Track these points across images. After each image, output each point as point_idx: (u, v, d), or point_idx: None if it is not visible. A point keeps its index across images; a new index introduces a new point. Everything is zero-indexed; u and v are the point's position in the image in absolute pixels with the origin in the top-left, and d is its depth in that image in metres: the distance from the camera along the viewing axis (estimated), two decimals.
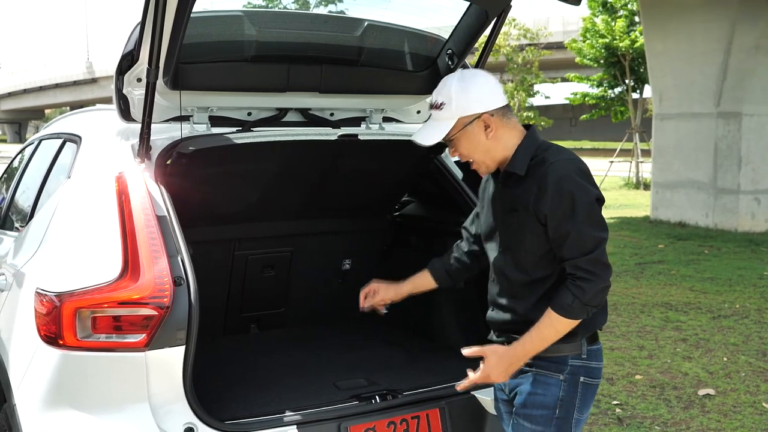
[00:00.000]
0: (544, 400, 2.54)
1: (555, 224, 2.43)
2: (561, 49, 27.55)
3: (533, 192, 2.46)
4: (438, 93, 2.60)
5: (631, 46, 20.99)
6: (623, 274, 9.16)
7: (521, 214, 2.50)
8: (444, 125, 2.56)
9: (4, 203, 4.36)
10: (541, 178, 2.45)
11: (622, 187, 21.47)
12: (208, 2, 2.80)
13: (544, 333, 2.45)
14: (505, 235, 2.61)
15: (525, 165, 2.52)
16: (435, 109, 2.60)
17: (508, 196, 2.58)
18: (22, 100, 75.99)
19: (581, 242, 2.40)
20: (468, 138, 2.56)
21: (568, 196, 2.41)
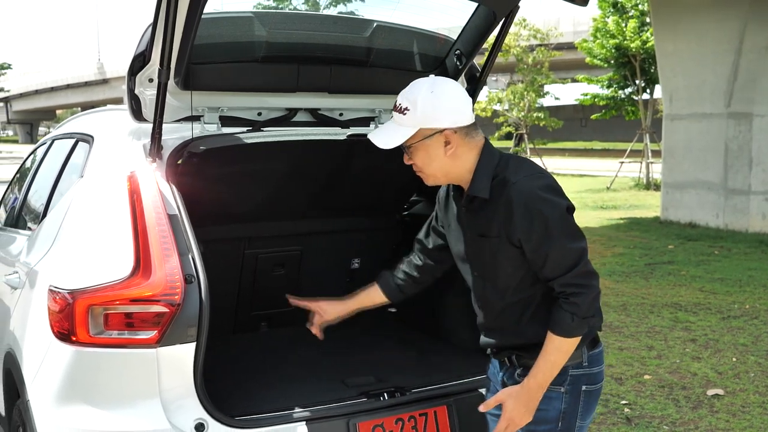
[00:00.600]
0: (546, 415, 2.47)
1: (532, 247, 2.37)
2: (571, 50, 27.49)
3: (501, 216, 2.39)
4: (404, 96, 2.45)
5: (642, 47, 20.93)
6: (633, 274, 9.16)
7: (492, 240, 2.43)
8: (403, 131, 2.45)
9: (17, 203, 4.41)
10: (506, 201, 2.38)
11: (632, 188, 21.42)
12: (218, 4, 2.84)
13: (552, 359, 2.39)
14: (478, 261, 2.53)
15: (487, 187, 2.43)
16: (397, 112, 2.45)
17: (474, 220, 2.50)
18: (34, 100, 76.34)
19: (564, 259, 2.35)
20: (425, 150, 2.45)
21: (539, 216, 2.34)
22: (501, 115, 30.37)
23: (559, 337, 2.36)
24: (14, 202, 4.53)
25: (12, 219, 4.35)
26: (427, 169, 2.49)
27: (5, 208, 4.80)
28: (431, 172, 2.49)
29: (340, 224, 4.01)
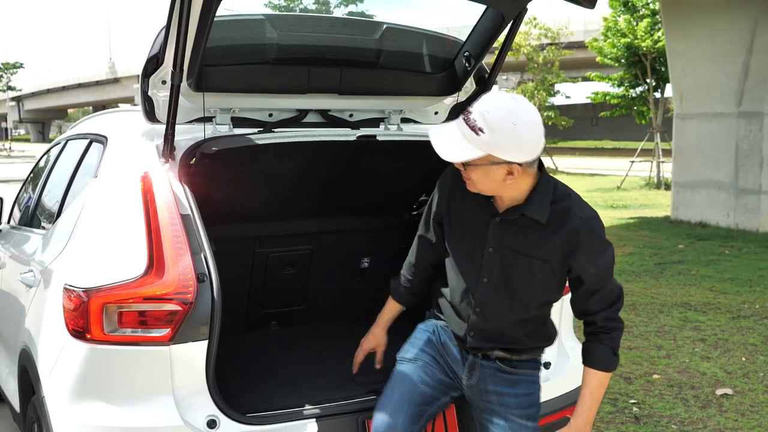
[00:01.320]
0: (534, 399, 2.75)
1: (592, 280, 2.54)
2: (582, 49, 27.43)
3: (558, 244, 2.50)
4: (482, 116, 2.37)
5: (653, 46, 20.88)
6: (642, 274, 9.15)
7: (537, 261, 2.54)
8: (470, 150, 2.41)
9: (31, 202, 4.46)
10: (572, 232, 2.49)
11: (642, 187, 21.36)
12: (230, 7, 2.87)
13: (597, 395, 2.63)
14: (498, 272, 2.60)
15: (546, 212, 2.50)
16: (469, 127, 2.39)
17: (513, 235, 2.55)
18: (46, 99, 76.67)
19: (609, 296, 2.58)
20: (485, 172, 2.45)
21: (609, 255, 2.54)
22: None
23: (603, 372, 2.60)
24: (29, 201, 4.57)
25: (27, 218, 4.40)
26: (479, 184, 2.51)
27: (20, 207, 4.85)
28: (481, 187, 2.52)
29: (349, 224, 4.04)
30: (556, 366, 3.28)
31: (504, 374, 2.71)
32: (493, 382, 2.71)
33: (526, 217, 2.52)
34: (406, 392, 2.72)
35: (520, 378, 2.73)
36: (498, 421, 2.70)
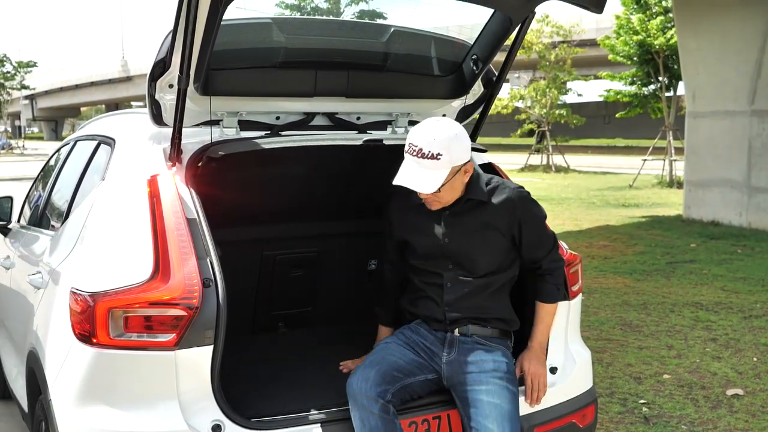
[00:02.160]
0: (512, 368, 3.06)
1: (533, 233, 3.08)
2: (594, 47, 27.32)
3: (502, 214, 3.02)
4: (432, 144, 2.82)
5: (666, 44, 20.78)
6: (654, 273, 9.11)
7: (488, 232, 3.03)
8: (440, 174, 2.86)
9: (40, 201, 4.48)
10: (509, 201, 3.03)
11: (655, 186, 21.28)
12: (237, 10, 2.87)
13: (547, 322, 3.16)
14: (465, 250, 3.04)
15: (485, 192, 3.03)
16: (426, 158, 2.82)
17: (467, 219, 3.03)
18: (59, 98, 77.03)
19: (550, 240, 3.16)
20: (452, 185, 2.94)
21: (541, 212, 3.13)
22: (523, 112, 30.29)
23: (549, 304, 3.14)
24: (38, 201, 4.59)
25: (36, 218, 4.41)
26: (446, 198, 2.98)
27: (29, 206, 4.88)
28: (448, 199, 2.99)
29: (356, 226, 4.04)
30: (563, 371, 3.27)
31: (480, 345, 3.05)
32: (471, 353, 3.02)
33: (471, 201, 3.03)
34: (379, 356, 3.02)
35: (495, 348, 3.06)
36: (478, 387, 2.93)
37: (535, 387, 3.09)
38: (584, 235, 12.20)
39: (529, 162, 30.29)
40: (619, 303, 7.65)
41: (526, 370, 3.09)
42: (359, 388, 2.85)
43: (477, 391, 2.92)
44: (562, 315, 3.28)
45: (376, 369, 2.92)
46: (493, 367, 2.98)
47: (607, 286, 8.43)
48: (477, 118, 3.71)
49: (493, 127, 44.51)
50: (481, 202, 3.02)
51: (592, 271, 9.29)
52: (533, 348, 3.13)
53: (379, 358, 3.00)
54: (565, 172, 28.46)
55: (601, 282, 8.64)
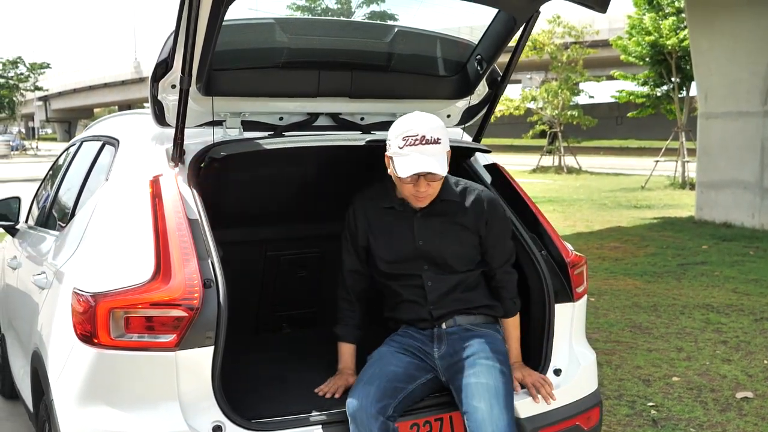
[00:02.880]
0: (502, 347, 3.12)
1: (495, 236, 3.13)
2: (607, 47, 27.24)
3: (472, 214, 3.09)
4: (431, 131, 2.90)
5: (678, 44, 20.68)
6: (664, 275, 9.06)
7: (461, 231, 3.10)
8: (444, 158, 2.93)
9: (47, 202, 4.49)
10: (477, 203, 3.11)
11: (667, 187, 21.17)
12: (239, 11, 2.86)
13: (516, 334, 3.20)
14: (437, 250, 3.09)
15: (456, 193, 3.11)
16: (431, 144, 2.89)
17: (440, 219, 3.09)
18: (72, 99, 77.37)
19: (508, 252, 3.18)
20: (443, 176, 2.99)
21: (504, 216, 3.20)
22: (535, 114, 30.22)
23: (513, 318, 3.19)
24: (45, 201, 4.61)
25: (43, 218, 4.43)
26: (434, 190, 3.01)
27: (37, 207, 4.89)
28: (436, 191, 3.03)
29: None
30: (567, 372, 3.24)
31: (469, 332, 3.10)
32: (460, 341, 3.07)
33: (443, 202, 3.08)
34: (377, 369, 2.97)
35: (484, 332, 3.12)
36: (469, 371, 2.95)
37: (539, 386, 3.09)
38: (595, 237, 12.15)
39: (540, 163, 30.23)
40: (629, 305, 7.61)
41: (520, 379, 3.10)
42: (360, 405, 2.78)
43: (467, 376, 2.94)
44: (566, 317, 3.26)
45: (376, 384, 2.86)
46: (480, 349, 3.02)
47: (618, 287, 8.39)
48: (482, 119, 3.69)
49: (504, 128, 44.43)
50: (452, 202, 3.10)
51: (603, 272, 9.25)
52: (517, 360, 3.18)
53: (378, 371, 2.95)
54: (576, 173, 28.37)
55: (612, 284, 8.60)
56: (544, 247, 3.33)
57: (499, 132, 47.27)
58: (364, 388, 2.85)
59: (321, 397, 3.01)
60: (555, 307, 3.21)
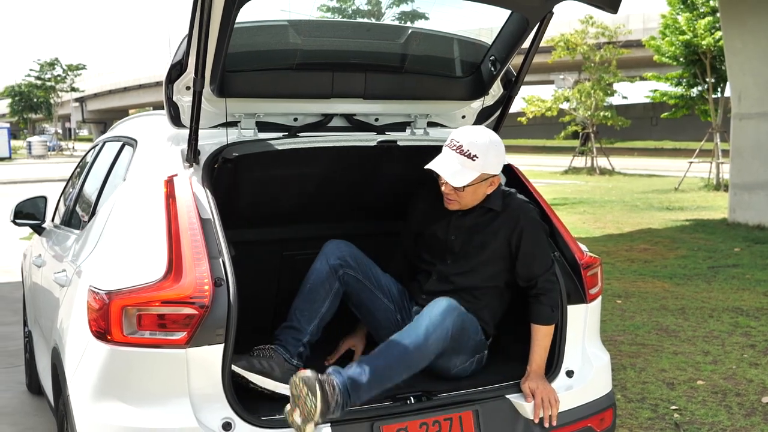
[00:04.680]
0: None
1: (528, 245, 3.18)
2: (640, 47, 26.99)
3: (510, 225, 3.19)
4: (470, 143, 3.07)
5: (713, 44, 20.42)
6: (694, 277, 8.96)
7: (496, 240, 3.21)
8: (470, 174, 3.07)
9: (70, 201, 4.57)
10: (513, 214, 3.21)
11: (701, 189, 20.91)
12: (253, 13, 2.90)
13: (544, 344, 3.16)
14: (466, 251, 3.25)
15: (500, 204, 3.23)
16: (464, 155, 3.06)
17: (474, 222, 3.24)
18: (107, 100, 78.25)
19: (548, 262, 3.21)
20: (475, 190, 3.15)
21: (539, 228, 3.24)
22: (567, 114, 30.04)
23: (546, 326, 3.16)
24: (68, 200, 4.69)
25: (66, 217, 4.51)
26: (464, 200, 3.19)
27: (63, 205, 4.98)
28: (466, 202, 3.20)
29: (376, 227, 4.05)
30: (580, 374, 3.23)
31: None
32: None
33: (482, 209, 3.24)
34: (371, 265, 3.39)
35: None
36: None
37: (546, 403, 3.05)
38: (625, 239, 12.04)
39: (572, 164, 30.03)
40: (657, 307, 7.54)
41: (533, 390, 3.06)
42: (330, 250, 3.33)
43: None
44: (578, 318, 3.25)
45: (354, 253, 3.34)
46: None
47: (645, 290, 8.31)
48: (496, 120, 3.69)
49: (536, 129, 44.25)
50: (492, 211, 3.24)
51: (631, 274, 9.17)
52: (534, 371, 3.13)
53: (369, 264, 3.36)
54: (609, 174, 28.15)
55: (640, 286, 8.52)
56: (557, 248, 3.32)
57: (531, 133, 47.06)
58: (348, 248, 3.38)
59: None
60: (567, 308, 3.20)
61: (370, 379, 2.81)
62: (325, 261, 3.32)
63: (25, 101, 69.79)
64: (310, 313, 3.25)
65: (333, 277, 3.30)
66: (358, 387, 2.79)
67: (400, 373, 2.90)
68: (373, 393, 2.83)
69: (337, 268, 3.31)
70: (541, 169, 29.82)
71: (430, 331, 2.95)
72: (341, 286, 3.29)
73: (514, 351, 3.40)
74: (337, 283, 3.30)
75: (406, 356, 2.91)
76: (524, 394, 3.05)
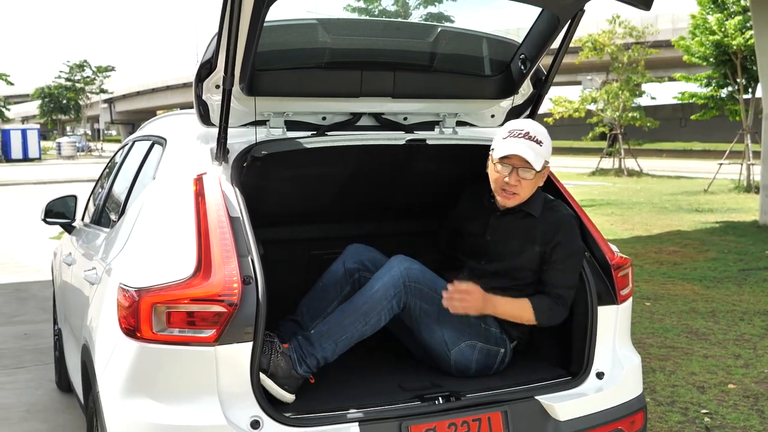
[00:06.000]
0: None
1: (560, 256, 3.17)
2: (669, 48, 26.74)
3: (548, 235, 3.19)
4: (536, 132, 3.12)
5: (744, 44, 20.17)
6: (724, 280, 8.85)
7: (527, 243, 3.21)
8: (540, 160, 3.12)
9: (100, 200, 4.61)
10: (554, 223, 3.21)
11: (731, 191, 20.66)
12: (282, 11, 2.90)
13: (514, 310, 3.19)
14: (497, 251, 3.28)
15: (540, 209, 3.24)
16: (534, 141, 3.11)
17: (511, 224, 3.26)
18: (135, 101, 78.94)
19: (572, 277, 3.19)
20: (536, 181, 3.19)
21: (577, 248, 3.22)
22: (595, 115, 29.84)
23: (531, 309, 3.18)
24: (98, 199, 4.73)
25: (96, 216, 4.54)
26: (524, 192, 3.19)
27: (92, 204, 5.02)
28: (524, 195, 3.20)
29: (402, 226, 4.04)
30: (610, 375, 3.19)
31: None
32: None
33: (522, 212, 3.24)
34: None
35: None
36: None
37: (456, 292, 3.09)
38: (654, 241, 11.93)
39: (600, 166, 29.82)
40: (687, 310, 7.46)
41: (469, 290, 3.11)
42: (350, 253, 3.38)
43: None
44: (609, 319, 3.22)
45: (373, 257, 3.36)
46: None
47: (675, 292, 8.23)
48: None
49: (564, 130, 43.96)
50: (532, 217, 3.23)
51: (660, 277, 9.08)
52: (490, 300, 3.16)
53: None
54: (637, 176, 27.92)
55: (669, 288, 8.43)
56: (587, 248, 3.29)
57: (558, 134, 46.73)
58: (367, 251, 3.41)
59: (358, 396, 3.01)
60: (598, 309, 3.16)
61: (321, 330, 3.05)
62: (342, 264, 3.40)
63: (54, 103, 70.59)
64: (316, 311, 3.30)
65: (346, 280, 3.36)
66: (309, 339, 3.03)
67: (352, 321, 3.06)
68: (330, 343, 3.03)
69: (353, 272, 3.36)
70: (568, 171, 29.62)
71: (379, 275, 3.13)
72: (353, 290, 3.30)
73: (544, 352, 3.37)
74: (349, 286, 3.34)
75: (355, 302, 3.10)
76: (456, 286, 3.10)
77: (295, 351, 2.99)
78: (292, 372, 2.93)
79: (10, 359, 6.40)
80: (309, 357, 3.00)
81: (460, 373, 3.20)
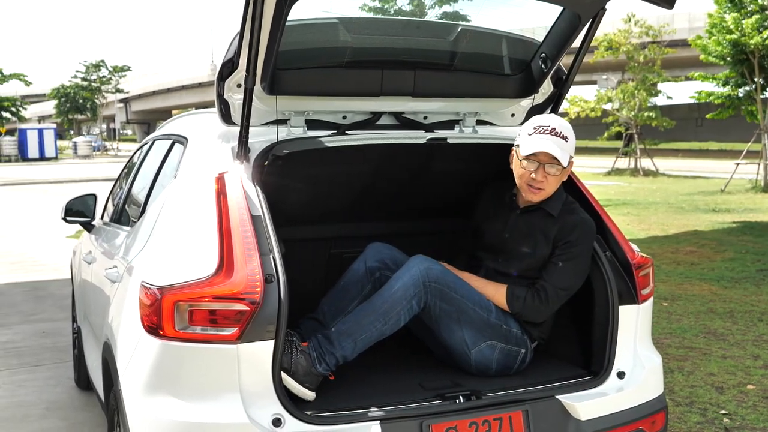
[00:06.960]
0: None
1: (562, 259, 3.20)
2: (685, 47, 26.58)
3: (562, 234, 3.22)
4: (562, 127, 3.16)
5: (762, 43, 20.02)
6: (743, 280, 8.80)
7: (547, 245, 3.25)
8: (567, 155, 3.15)
9: (120, 199, 4.63)
10: (570, 224, 3.23)
11: (748, 191, 20.53)
12: (304, 11, 2.90)
13: (487, 289, 3.26)
14: (514, 250, 3.31)
15: (558, 208, 3.27)
16: (560, 138, 3.14)
17: (529, 222, 3.29)
18: (151, 101, 79.33)
19: (562, 278, 3.21)
20: (562, 176, 3.23)
21: (585, 254, 3.22)
22: (610, 115, 29.71)
23: (503, 293, 3.24)
24: (118, 198, 4.75)
25: (116, 214, 4.56)
26: (550, 188, 3.22)
27: (112, 203, 5.05)
28: (549, 190, 3.23)
29: (422, 226, 4.04)
30: (631, 375, 3.18)
31: None
32: None
33: (541, 210, 3.28)
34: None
35: None
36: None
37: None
38: (671, 241, 11.87)
39: (616, 166, 29.71)
40: (704, 310, 7.42)
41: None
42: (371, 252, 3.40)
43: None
44: (630, 319, 3.21)
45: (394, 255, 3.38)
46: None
47: (692, 293, 8.19)
48: None
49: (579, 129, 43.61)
50: (550, 216, 3.26)
51: (677, 277, 9.04)
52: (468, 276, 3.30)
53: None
54: (653, 175, 27.78)
55: (686, 289, 8.39)
56: (608, 248, 3.28)
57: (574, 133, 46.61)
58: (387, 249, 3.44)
59: (379, 394, 3.01)
60: (619, 309, 3.15)
61: (341, 329, 3.07)
62: (363, 262, 3.42)
63: (70, 102, 70.98)
64: (337, 309, 3.32)
65: (367, 279, 3.38)
66: (329, 338, 3.05)
67: (371, 321, 3.07)
68: (350, 342, 3.05)
69: (374, 271, 3.38)
70: (583, 170, 29.51)
71: (398, 275, 3.15)
72: (374, 288, 3.31)
73: (565, 352, 3.37)
74: (369, 285, 3.36)
75: (374, 302, 3.12)
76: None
77: (314, 349, 3.01)
78: (312, 369, 2.94)
79: (29, 357, 6.44)
80: (328, 355, 3.01)
81: (480, 373, 3.20)
